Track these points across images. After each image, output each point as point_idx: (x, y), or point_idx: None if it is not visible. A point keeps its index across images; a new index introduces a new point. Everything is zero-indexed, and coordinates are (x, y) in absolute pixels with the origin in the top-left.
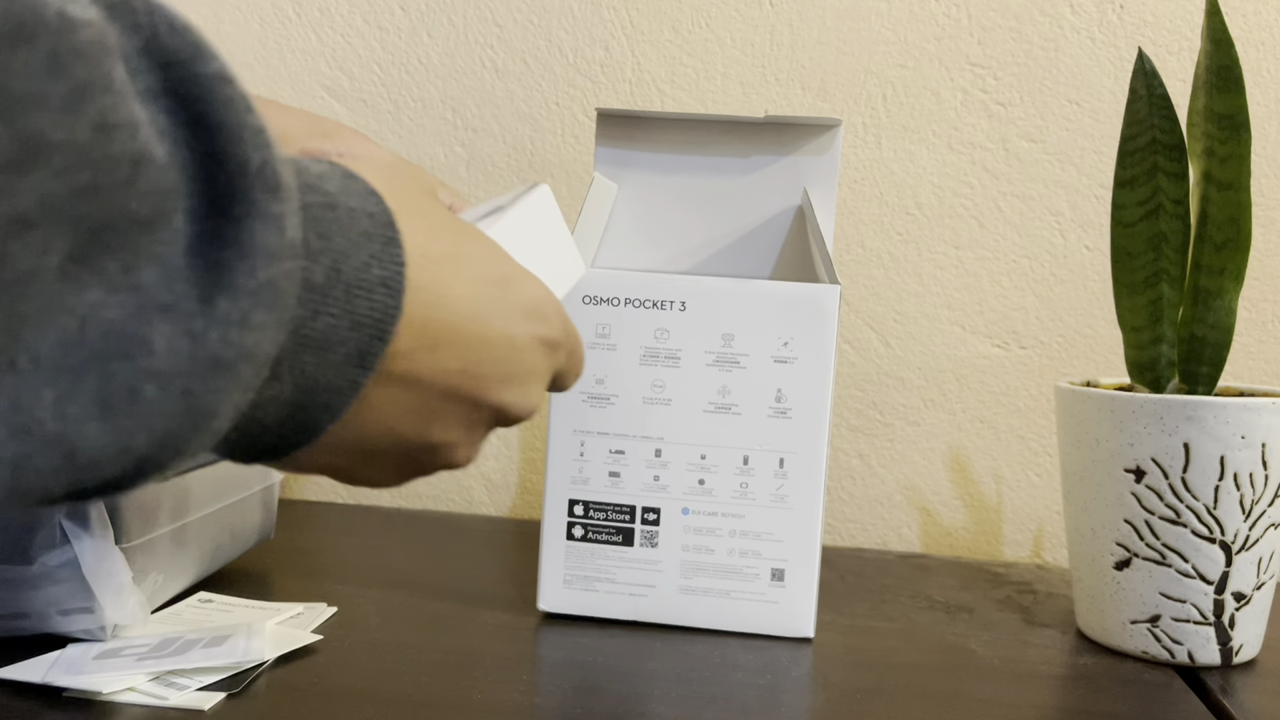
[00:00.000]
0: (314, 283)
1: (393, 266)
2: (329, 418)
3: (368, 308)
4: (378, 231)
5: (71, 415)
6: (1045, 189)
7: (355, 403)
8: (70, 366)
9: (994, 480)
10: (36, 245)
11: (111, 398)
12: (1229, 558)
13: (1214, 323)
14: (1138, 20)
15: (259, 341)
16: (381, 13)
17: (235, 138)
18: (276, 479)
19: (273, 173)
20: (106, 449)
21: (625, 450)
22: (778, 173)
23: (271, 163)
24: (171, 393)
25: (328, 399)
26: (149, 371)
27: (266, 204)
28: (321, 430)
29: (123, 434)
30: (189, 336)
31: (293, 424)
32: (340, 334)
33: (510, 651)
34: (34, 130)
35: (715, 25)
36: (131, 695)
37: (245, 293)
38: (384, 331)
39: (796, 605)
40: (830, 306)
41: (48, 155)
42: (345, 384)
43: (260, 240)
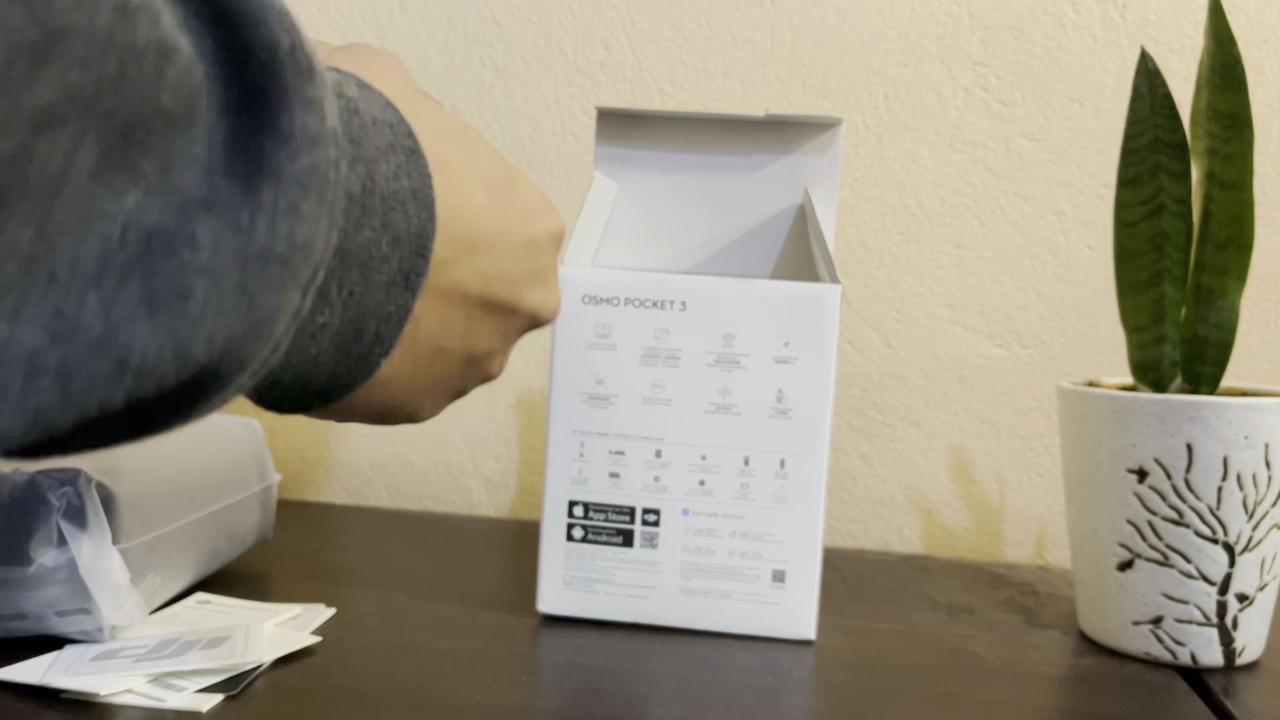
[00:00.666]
0: (353, 192)
1: (420, 178)
2: (381, 350)
3: (404, 222)
4: (400, 142)
5: (118, 316)
6: (1047, 188)
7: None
8: (113, 271)
9: (996, 481)
10: (66, 144)
11: (159, 296)
12: (1232, 559)
13: (1217, 322)
14: (1140, 19)
15: (310, 233)
16: (380, 11)
17: (260, 20)
18: (275, 479)
19: (305, 56)
20: (161, 352)
21: (625, 451)
22: (778, 172)
23: (302, 45)
24: (225, 290)
25: (378, 327)
26: (197, 267)
27: (302, 87)
28: (375, 365)
29: (177, 335)
30: (235, 229)
31: (346, 360)
32: (382, 250)
33: (510, 653)
34: (52, 12)
35: (716, 24)
36: (129, 697)
37: (290, 179)
38: (424, 247)
39: (797, 607)
40: (831, 306)
41: (69, 41)
42: (394, 308)
43: (300, 124)
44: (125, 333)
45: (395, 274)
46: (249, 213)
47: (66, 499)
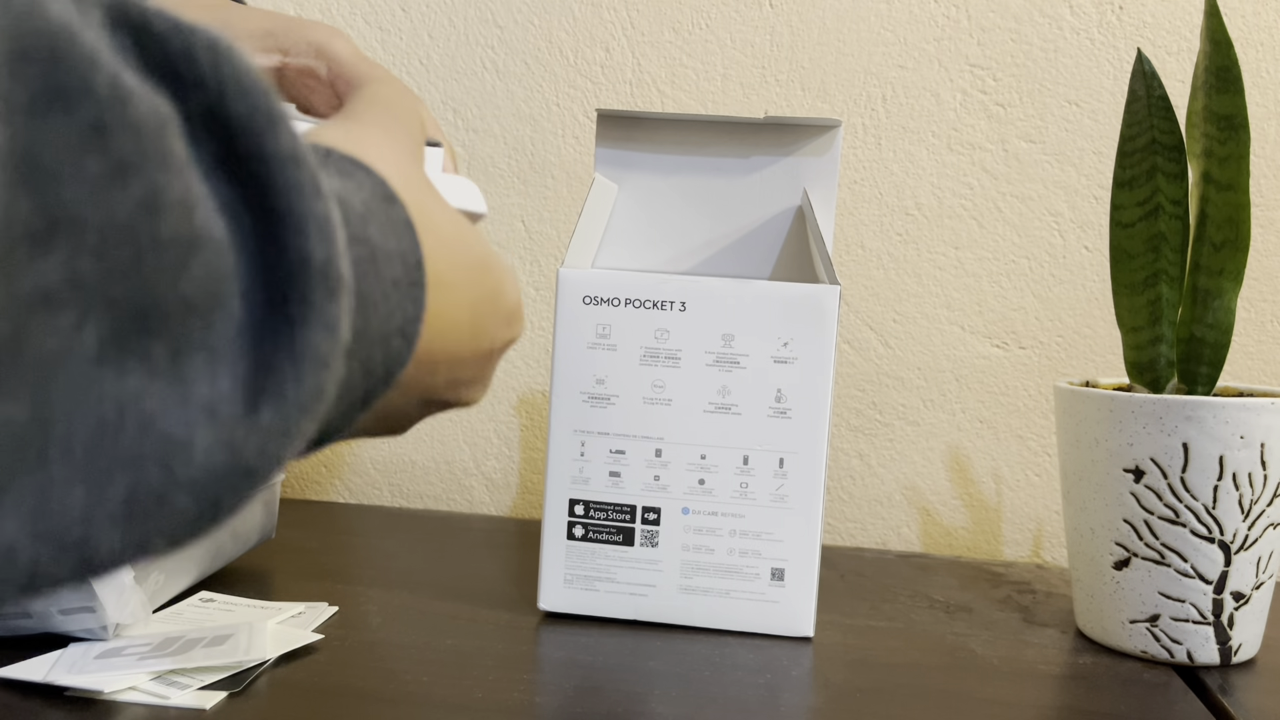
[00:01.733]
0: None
1: (413, 312)
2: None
3: (381, 358)
4: (406, 276)
5: (97, 520)
6: (1044, 189)
7: None
8: (103, 464)
9: (993, 480)
10: (66, 325)
11: (140, 505)
12: (1228, 557)
13: (1213, 323)
14: (1137, 21)
15: (294, 449)
16: (383, 14)
17: (300, 229)
18: (278, 479)
19: (335, 272)
20: (123, 553)
21: (625, 450)
22: (777, 173)
23: (335, 260)
24: (201, 502)
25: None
26: (184, 483)
27: (324, 306)
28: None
29: (141, 538)
30: (229, 449)
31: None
32: (353, 382)
33: (511, 651)
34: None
35: (715, 26)
36: (133, 694)
37: (293, 404)
38: (390, 376)
39: (796, 605)
40: (830, 307)
41: (78, 232)
42: (344, 422)
43: (314, 346)
44: (99, 538)
45: (356, 400)
46: (245, 432)
47: None
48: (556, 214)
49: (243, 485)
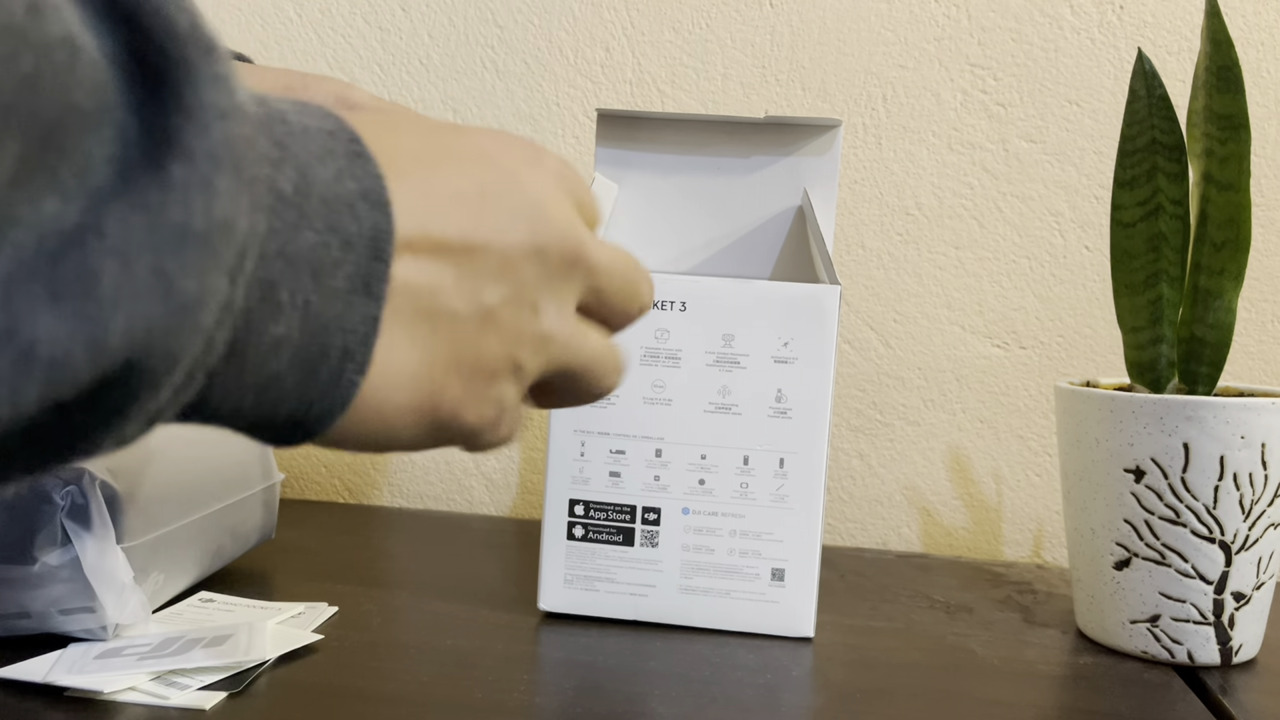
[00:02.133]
0: (283, 191)
1: (370, 179)
2: (354, 367)
3: (354, 224)
4: (341, 148)
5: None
6: (1045, 189)
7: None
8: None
9: (994, 480)
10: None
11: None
12: (1228, 557)
13: (1213, 323)
14: (1137, 21)
15: (229, 210)
16: (382, 13)
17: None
18: (278, 478)
19: (205, 35)
20: (71, 341)
21: (626, 450)
22: (778, 173)
23: (201, 24)
24: (138, 272)
25: (345, 341)
26: (105, 250)
27: (206, 64)
28: (351, 386)
29: (87, 321)
30: (145, 209)
31: (315, 381)
32: (332, 255)
33: (511, 651)
34: None
35: (715, 26)
36: (133, 695)
37: (201, 154)
38: (380, 250)
39: (796, 605)
40: (830, 307)
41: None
42: (358, 320)
43: (206, 98)
44: (27, 324)
45: (354, 280)
46: (158, 191)
47: (70, 498)
48: None
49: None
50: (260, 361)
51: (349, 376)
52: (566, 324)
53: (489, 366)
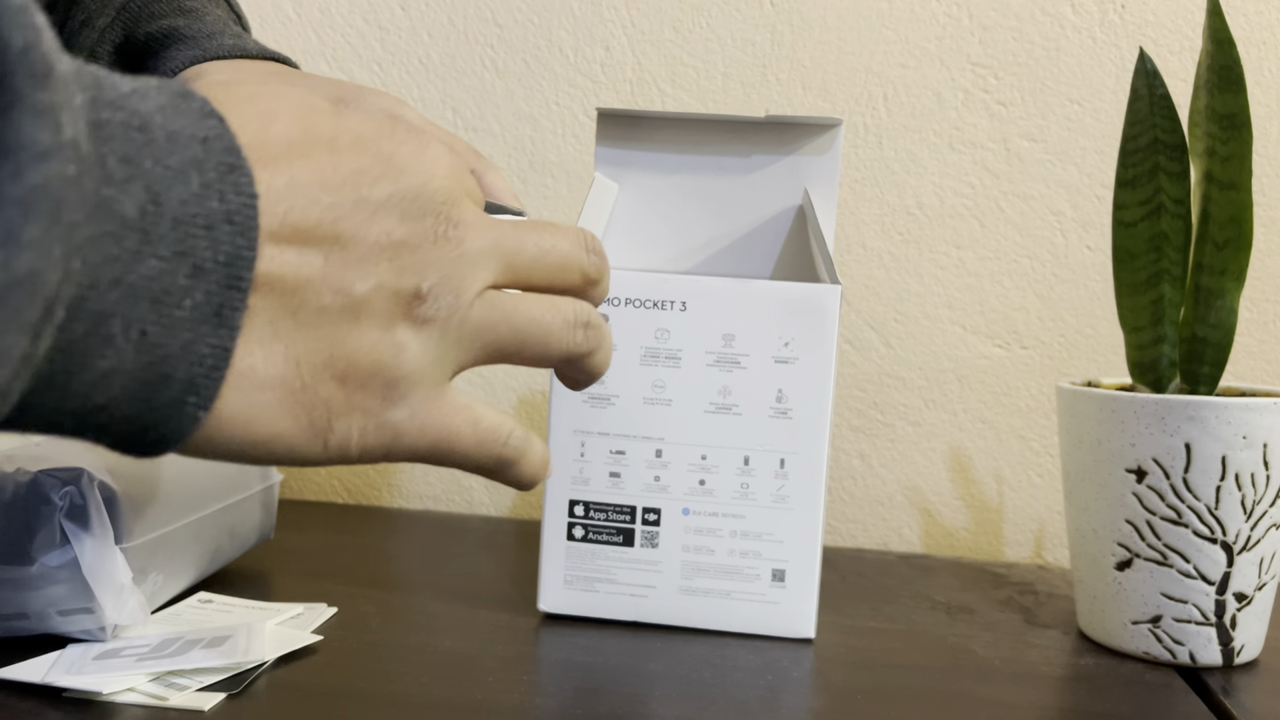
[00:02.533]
0: (125, 215)
1: (237, 199)
2: (197, 401)
3: (209, 249)
4: (212, 159)
5: None
6: (1046, 189)
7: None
8: None
9: (995, 480)
10: None
11: None
12: (1230, 558)
13: (1215, 322)
14: (1139, 20)
15: (36, 264)
16: (382, 12)
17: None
18: (276, 479)
19: (40, 58)
20: None
21: (626, 450)
22: (778, 172)
23: (38, 47)
24: None
25: (190, 373)
26: None
27: (31, 93)
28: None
29: None
30: None
31: (150, 411)
32: (179, 282)
33: (510, 652)
34: None
35: (716, 25)
36: (131, 695)
37: (10, 201)
38: (237, 278)
39: (797, 606)
40: (831, 306)
41: None
42: (206, 350)
43: (26, 135)
44: None
45: (203, 309)
46: None
47: (69, 498)
48: (556, 213)
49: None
50: (84, 392)
51: (190, 410)
52: (464, 305)
53: (367, 363)
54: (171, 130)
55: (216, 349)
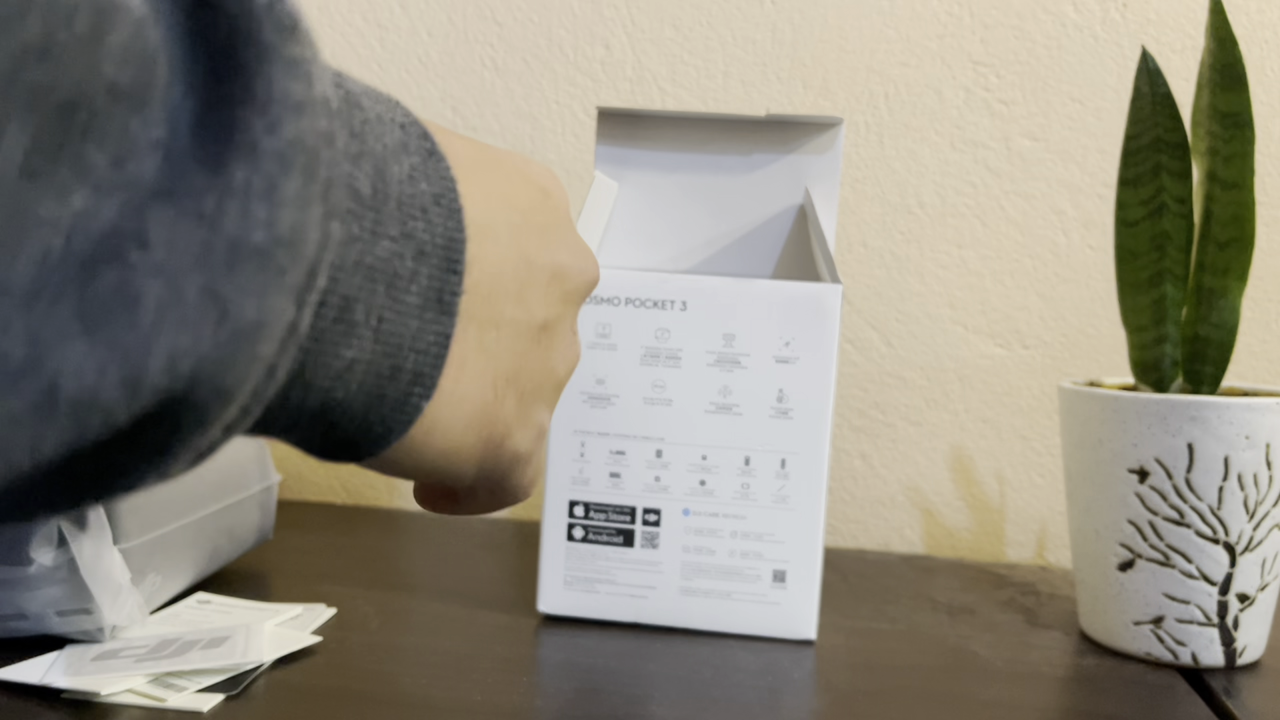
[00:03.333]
0: (361, 192)
1: (441, 182)
2: (421, 391)
3: (427, 231)
4: (414, 143)
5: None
6: (1048, 188)
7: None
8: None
9: (997, 481)
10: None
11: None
12: (1233, 559)
13: (1218, 322)
14: (1141, 18)
15: (298, 220)
16: (380, 11)
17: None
18: (275, 480)
19: (286, 12)
20: (103, 376)
21: (626, 451)
22: (779, 171)
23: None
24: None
25: (415, 363)
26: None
27: (284, 46)
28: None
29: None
30: (197, 218)
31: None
32: (407, 265)
33: (510, 653)
34: None
35: (716, 23)
36: (130, 696)
37: (268, 154)
38: (453, 259)
39: (798, 607)
40: (832, 306)
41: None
42: (431, 338)
43: (281, 88)
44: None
45: (427, 294)
46: (215, 197)
47: None
48: None
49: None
50: (327, 387)
51: (415, 400)
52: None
53: (538, 383)
54: (378, 112)
55: (440, 337)
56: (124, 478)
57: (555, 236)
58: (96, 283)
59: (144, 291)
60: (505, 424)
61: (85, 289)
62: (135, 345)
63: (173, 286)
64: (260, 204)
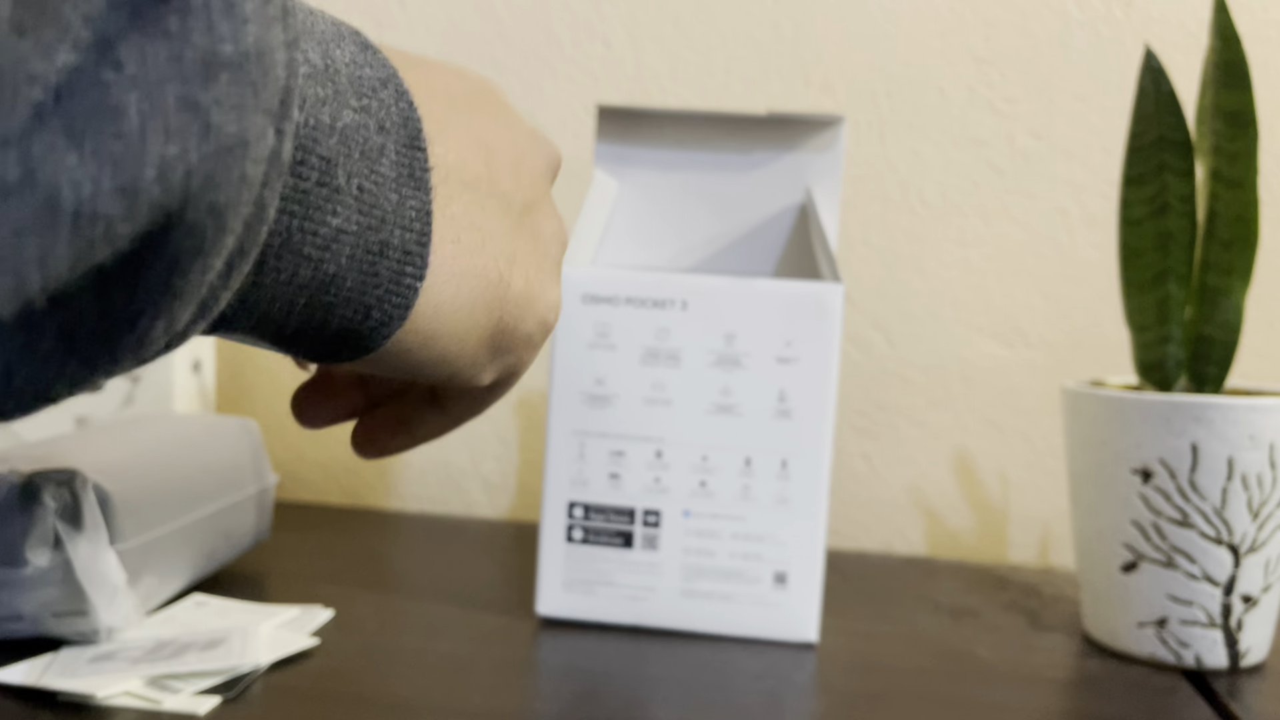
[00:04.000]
0: (313, 62)
1: (383, 68)
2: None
3: (382, 109)
4: (348, 35)
5: (36, 154)
6: (1051, 186)
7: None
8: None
9: (1000, 482)
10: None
11: (81, 119)
12: (1237, 560)
13: (1222, 322)
14: (1144, 16)
15: (261, 35)
16: (379, 8)
17: None
18: (272, 480)
19: None
20: (98, 185)
21: (625, 451)
22: (780, 170)
23: None
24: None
25: (402, 238)
26: (123, 82)
27: None
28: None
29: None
30: (164, 36)
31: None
32: (373, 138)
33: (508, 656)
34: None
35: (717, 20)
36: (126, 699)
37: None
38: (414, 137)
39: (799, 609)
40: (834, 305)
41: None
42: (412, 213)
43: None
44: (47, 170)
45: (399, 168)
46: (177, 17)
47: (62, 500)
48: None
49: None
50: (317, 256)
51: (408, 281)
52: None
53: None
54: (310, 9)
55: (420, 211)
56: (131, 328)
57: (505, 120)
58: (77, 102)
59: (125, 103)
60: (516, 304)
61: (69, 109)
62: (125, 154)
63: (151, 97)
64: (222, 20)
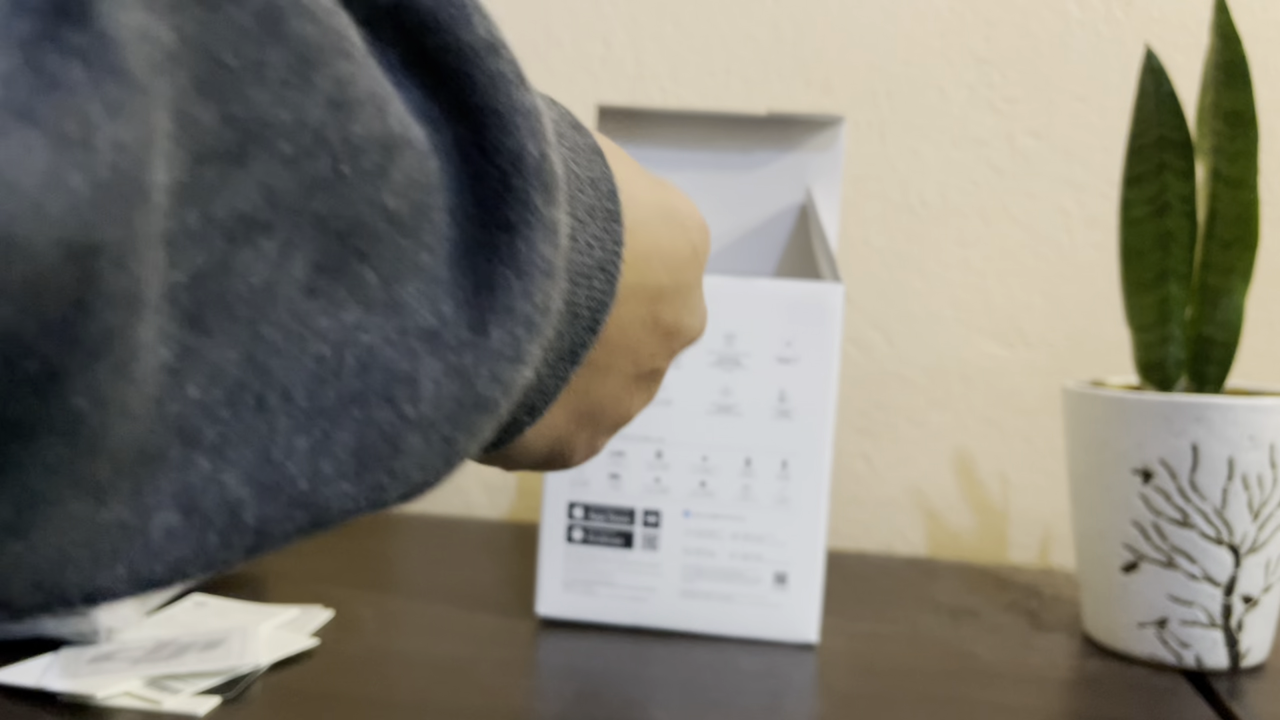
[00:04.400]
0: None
1: (612, 248)
2: (529, 419)
3: (586, 298)
4: (601, 205)
5: (325, 474)
6: (1051, 186)
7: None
8: (326, 408)
9: (1000, 482)
10: (271, 252)
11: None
12: (1237, 560)
13: (1222, 322)
14: (1145, 16)
15: (526, 376)
16: None
17: (508, 125)
18: None
19: (549, 170)
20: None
21: (625, 452)
22: (780, 170)
23: (548, 156)
24: (433, 443)
25: (533, 400)
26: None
27: (543, 208)
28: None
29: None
30: (459, 377)
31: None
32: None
33: (508, 656)
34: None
35: (717, 20)
36: (126, 699)
37: (520, 319)
38: (597, 321)
39: (799, 609)
40: (834, 305)
41: (270, 140)
42: (553, 383)
43: (538, 254)
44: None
45: (565, 350)
46: (475, 357)
47: None
48: None
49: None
50: None
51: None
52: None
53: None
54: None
55: (561, 380)
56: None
57: (688, 299)
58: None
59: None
60: (572, 449)
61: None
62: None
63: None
64: (506, 367)
